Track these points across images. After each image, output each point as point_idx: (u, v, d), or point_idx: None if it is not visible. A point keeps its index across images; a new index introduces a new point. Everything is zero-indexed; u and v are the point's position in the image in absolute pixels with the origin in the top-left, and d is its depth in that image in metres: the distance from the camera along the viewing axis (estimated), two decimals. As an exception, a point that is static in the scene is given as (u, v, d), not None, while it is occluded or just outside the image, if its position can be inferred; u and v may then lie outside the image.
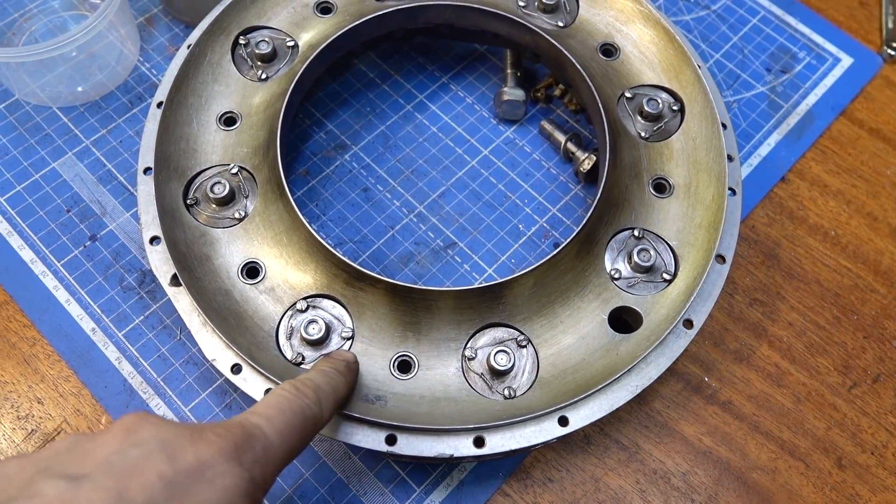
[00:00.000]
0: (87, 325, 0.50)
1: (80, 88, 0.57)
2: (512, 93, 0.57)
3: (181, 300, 0.44)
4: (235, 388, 0.48)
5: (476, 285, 0.44)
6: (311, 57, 0.50)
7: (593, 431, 0.50)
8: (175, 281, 0.44)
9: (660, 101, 0.51)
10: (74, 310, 0.50)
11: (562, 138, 0.56)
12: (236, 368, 0.43)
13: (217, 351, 0.43)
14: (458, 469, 0.48)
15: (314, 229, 0.45)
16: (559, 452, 0.49)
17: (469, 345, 0.45)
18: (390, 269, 0.53)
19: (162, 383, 0.49)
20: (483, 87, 0.61)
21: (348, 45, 0.53)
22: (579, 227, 0.46)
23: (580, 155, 0.55)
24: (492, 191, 0.56)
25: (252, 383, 0.42)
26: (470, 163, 0.57)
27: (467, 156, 0.58)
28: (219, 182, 0.48)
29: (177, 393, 0.48)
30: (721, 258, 0.47)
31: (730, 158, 0.50)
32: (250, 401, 0.44)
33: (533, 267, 0.45)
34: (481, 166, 0.57)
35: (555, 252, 0.45)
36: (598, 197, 0.47)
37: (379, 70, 0.61)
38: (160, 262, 0.45)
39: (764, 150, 0.60)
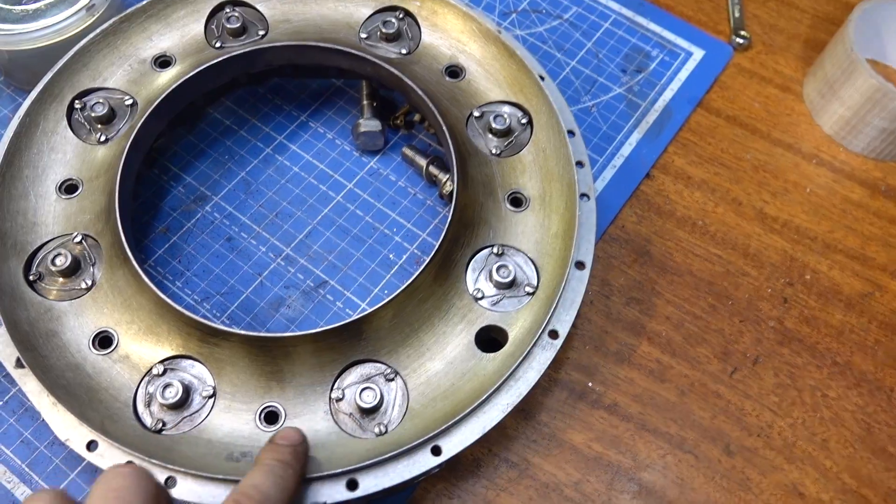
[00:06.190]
0: (-59, 419, 0.47)
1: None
2: (368, 124, 0.57)
3: (28, 382, 0.42)
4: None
5: (332, 325, 0.43)
6: (147, 113, 0.49)
7: (482, 453, 0.49)
8: (20, 363, 0.43)
9: (506, 116, 0.52)
10: (-73, 405, 0.48)
11: (423, 162, 0.56)
12: (92, 445, 0.41)
13: (70, 430, 0.41)
14: (346, 513, 0.46)
15: (175, 288, 0.44)
16: (449, 480, 0.48)
17: (336, 385, 0.44)
18: (261, 317, 0.52)
19: (27, 469, 0.46)
20: (343, 120, 0.60)
21: (188, 96, 0.52)
22: (433, 253, 0.45)
23: (442, 177, 0.55)
24: (359, 224, 0.56)
25: (110, 458, 0.40)
26: (335, 198, 0.57)
27: (332, 192, 0.57)
28: (59, 253, 0.46)
29: (44, 477, 0.46)
30: (581, 264, 0.47)
31: (580, 164, 0.50)
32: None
33: (390, 298, 0.44)
34: (347, 200, 0.57)
35: (410, 280, 0.45)
36: (449, 219, 0.47)
37: (235, 116, 0.60)
38: (3, 345, 0.43)
39: (626, 149, 0.61)
